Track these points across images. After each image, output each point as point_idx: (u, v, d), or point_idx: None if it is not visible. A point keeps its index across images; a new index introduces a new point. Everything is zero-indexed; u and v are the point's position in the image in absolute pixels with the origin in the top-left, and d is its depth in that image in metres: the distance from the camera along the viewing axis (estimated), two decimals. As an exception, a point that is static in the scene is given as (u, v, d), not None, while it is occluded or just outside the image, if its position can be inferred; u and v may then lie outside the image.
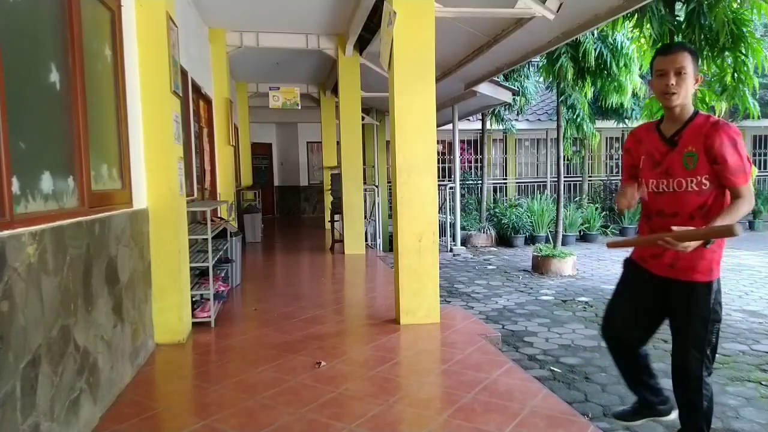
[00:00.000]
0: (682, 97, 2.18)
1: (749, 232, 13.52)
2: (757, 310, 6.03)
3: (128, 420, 2.78)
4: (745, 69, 5.43)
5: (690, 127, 2.20)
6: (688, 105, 2.24)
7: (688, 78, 2.17)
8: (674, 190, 2.21)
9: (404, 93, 4.28)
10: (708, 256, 2.20)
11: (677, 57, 2.17)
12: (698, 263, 2.20)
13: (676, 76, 2.17)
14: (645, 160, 2.32)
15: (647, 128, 2.41)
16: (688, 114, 2.23)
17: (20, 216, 2.11)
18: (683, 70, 2.16)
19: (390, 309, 4.77)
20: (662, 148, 2.26)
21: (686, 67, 2.16)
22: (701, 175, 2.14)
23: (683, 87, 2.17)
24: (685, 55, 2.17)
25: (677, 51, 2.19)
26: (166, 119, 3.83)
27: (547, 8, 4.73)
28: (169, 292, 3.91)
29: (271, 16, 6.97)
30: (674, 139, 2.23)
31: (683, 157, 2.18)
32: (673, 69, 2.17)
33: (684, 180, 2.17)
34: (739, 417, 3.39)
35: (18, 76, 2.18)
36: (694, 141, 2.16)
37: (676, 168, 2.19)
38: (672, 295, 2.30)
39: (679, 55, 2.18)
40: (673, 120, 2.26)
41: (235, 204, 8.42)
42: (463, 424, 2.66)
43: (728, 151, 2.10)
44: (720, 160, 2.10)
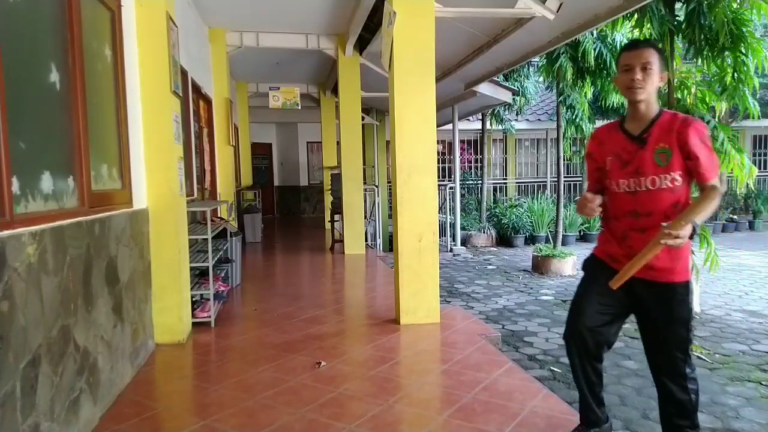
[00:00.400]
0: (647, 92, 2.17)
1: (749, 232, 13.52)
2: (757, 310, 6.03)
3: (128, 420, 2.78)
4: (745, 69, 5.43)
5: (658, 123, 2.19)
6: (653, 102, 2.22)
7: (653, 74, 2.17)
8: (648, 189, 2.18)
9: (404, 93, 4.28)
10: (685, 255, 2.20)
11: (643, 52, 2.17)
12: (677, 264, 2.19)
13: (642, 71, 2.16)
14: (612, 161, 2.28)
15: (609, 129, 2.37)
16: (654, 111, 2.22)
17: (20, 216, 2.11)
18: (649, 66, 2.16)
19: (390, 309, 4.77)
20: (630, 147, 2.23)
21: (652, 62, 2.16)
22: (674, 171, 2.14)
23: (649, 82, 2.16)
24: (651, 51, 2.18)
25: (643, 47, 2.19)
26: (166, 119, 3.83)
27: (547, 8, 4.72)
28: (169, 292, 3.91)
29: (271, 16, 6.97)
30: (643, 136, 2.20)
31: (655, 154, 2.16)
32: (639, 64, 2.16)
33: (657, 177, 2.15)
34: (739, 417, 3.39)
35: (18, 76, 2.18)
36: (666, 138, 2.15)
37: (648, 166, 2.17)
38: (649, 298, 2.24)
39: (645, 50, 2.18)
40: (638, 118, 2.24)
41: (235, 204, 8.42)
42: (463, 424, 2.66)
43: (701, 147, 2.11)
44: (693, 156, 2.11)
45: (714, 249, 5.90)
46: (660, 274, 2.18)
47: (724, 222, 13.31)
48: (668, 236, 1.95)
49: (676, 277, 2.19)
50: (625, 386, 3.91)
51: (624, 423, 3.35)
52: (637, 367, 4.26)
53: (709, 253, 5.88)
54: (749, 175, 5.70)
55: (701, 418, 3.35)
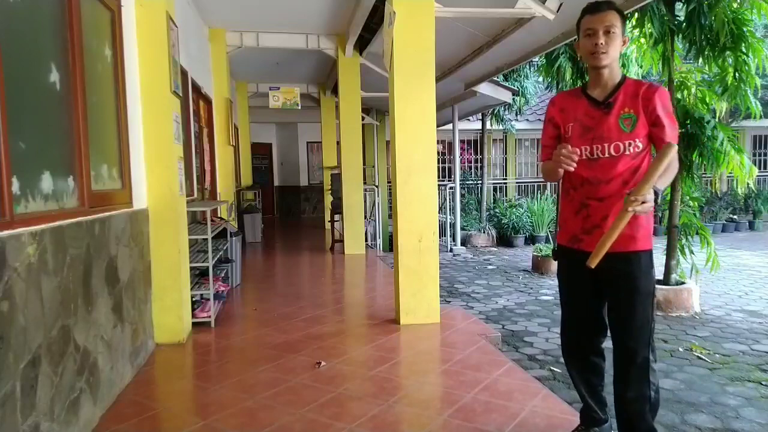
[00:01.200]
0: (610, 57, 2.12)
1: (749, 232, 13.52)
2: (757, 310, 6.02)
3: (128, 420, 2.78)
4: (747, 68, 5.43)
5: (623, 89, 2.15)
6: (616, 68, 2.18)
7: (616, 37, 2.11)
8: (611, 155, 2.13)
9: (404, 93, 4.28)
10: (645, 224, 2.16)
11: (606, 15, 2.10)
12: (637, 231, 2.13)
13: (605, 35, 2.10)
14: (573, 127, 2.20)
15: (571, 95, 2.31)
16: (618, 77, 2.18)
17: (20, 216, 2.11)
18: (612, 29, 2.10)
19: (390, 309, 4.77)
20: (594, 113, 2.17)
21: (615, 25, 2.10)
22: (638, 137, 2.11)
23: (612, 46, 2.11)
24: (614, 14, 2.12)
25: (606, 9, 2.12)
26: (166, 119, 3.83)
27: (547, 8, 4.73)
28: (169, 292, 3.91)
29: (271, 16, 6.97)
30: (608, 101, 2.15)
31: (620, 119, 2.12)
32: (603, 27, 2.10)
33: (621, 143, 2.11)
34: (739, 417, 3.39)
35: (18, 76, 2.18)
36: (631, 103, 2.11)
37: (612, 131, 2.13)
38: (612, 272, 2.15)
39: (609, 13, 2.11)
40: (601, 84, 2.18)
41: (235, 204, 8.42)
42: (463, 424, 2.66)
43: (666, 114, 2.10)
44: (659, 122, 2.09)
45: (714, 249, 5.91)
46: (622, 243, 2.08)
47: (724, 222, 13.31)
48: (635, 203, 1.90)
49: (638, 245, 2.14)
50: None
51: (624, 423, 3.35)
52: (637, 367, 4.26)
53: (709, 253, 5.89)
54: (749, 175, 5.70)
55: (701, 418, 3.36)
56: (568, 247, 2.29)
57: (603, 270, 2.09)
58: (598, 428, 2.40)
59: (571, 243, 2.27)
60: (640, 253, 2.15)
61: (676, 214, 5.97)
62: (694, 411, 3.48)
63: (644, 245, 2.15)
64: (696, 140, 5.69)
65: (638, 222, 2.12)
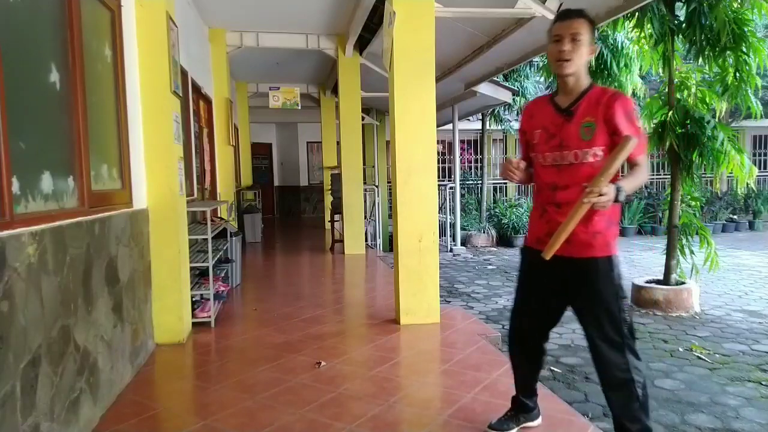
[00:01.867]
0: (575, 64, 2.12)
1: (749, 232, 13.53)
2: (757, 310, 6.03)
3: (128, 420, 2.78)
4: (747, 68, 5.43)
5: (587, 97, 2.15)
6: (583, 76, 2.18)
7: (582, 45, 2.11)
8: (570, 163, 2.14)
9: (404, 93, 4.28)
10: (603, 231, 2.14)
11: (573, 23, 2.12)
12: (594, 239, 2.13)
13: (572, 41, 2.11)
14: (540, 134, 2.24)
15: (540, 102, 2.34)
16: (584, 85, 2.18)
17: (20, 216, 2.11)
18: (578, 36, 2.10)
19: (390, 309, 4.77)
20: (557, 120, 2.19)
21: (581, 33, 2.11)
22: (598, 146, 2.10)
23: (577, 53, 2.11)
24: (582, 22, 2.12)
25: (574, 17, 2.13)
26: (166, 119, 3.83)
27: (547, 8, 4.73)
28: (169, 292, 3.91)
29: (271, 16, 6.97)
30: (570, 109, 2.16)
31: (580, 127, 2.12)
32: (569, 34, 2.11)
33: (580, 152, 2.12)
34: (739, 417, 3.39)
35: (18, 76, 2.18)
36: (593, 111, 2.11)
37: (572, 139, 2.13)
38: (573, 277, 2.19)
39: (576, 21, 2.12)
40: (567, 91, 2.20)
41: (235, 204, 8.43)
42: (463, 424, 2.66)
43: (628, 121, 2.08)
44: (618, 131, 2.06)
45: (714, 249, 5.91)
46: (578, 249, 2.12)
47: (724, 222, 13.32)
48: (590, 194, 1.89)
49: (595, 252, 2.13)
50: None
51: (624, 423, 3.35)
52: (637, 367, 4.26)
53: (709, 253, 5.89)
54: (749, 175, 5.71)
55: (701, 418, 3.36)
56: (533, 248, 2.30)
57: (565, 274, 2.16)
58: (526, 415, 2.53)
59: (535, 244, 2.29)
60: (598, 260, 2.14)
61: (676, 214, 5.97)
62: (694, 411, 3.48)
63: (602, 252, 2.14)
64: (696, 140, 5.69)
65: (596, 228, 2.12)
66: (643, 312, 5.89)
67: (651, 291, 5.96)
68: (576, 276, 2.18)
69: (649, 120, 6.24)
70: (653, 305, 5.90)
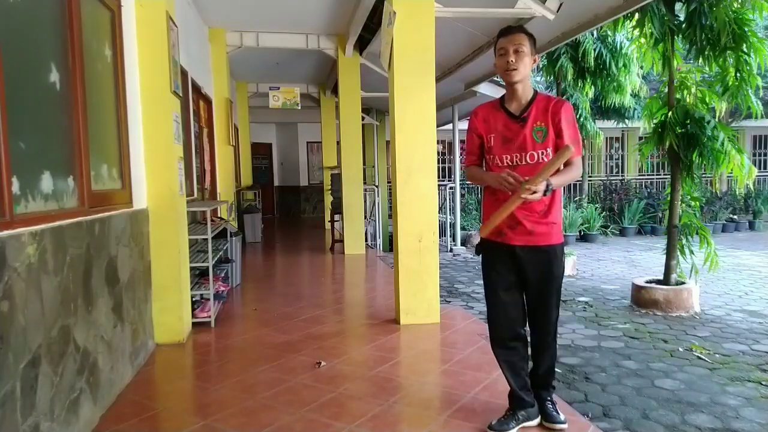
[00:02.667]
0: (521, 74, 2.42)
1: (749, 232, 13.53)
2: (757, 310, 6.02)
3: (128, 420, 2.78)
4: (748, 68, 5.43)
5: (535, 104, 2.46)
6: (528, 84, 2.49)
7: (525, 56, 2.42)
8: (527, 163, 2.44)
9: (404, 93, 4.28)
10: (558, 221, 2.51)
11: (515, 37, 2.43)
12: (552, 228, 2.49)
13: (515, 53, 2.41)
14: (495, 138, 2.51)
15: (491, 108, 2.58)
16: (530, 93, 2.49)
17: (20, 216, 2.11)
18: (521, 48, 2.41)
19: (390, 309, 4.77)
20: (512, 126, 2.47)
21: (524, 45, 2.42)
22: (549, 147, 2.42)
23: (522, 63, 2.41)
24: (523, 36, 2.44)
25: (516, 32, 2.45)
26: (166, 119, 3.83)
27: (547, 8, 4.73)
28: (169, 292, 3.91)
29: (271, 16, 6.97)
30: (523, 116, 2.45)
31: (533, 132, 2.43)
32: (512, 47, 2.41)
33: (536, 152, 2.43)
34: (739, 417, 3.39)
35: (18, 76, 2.18)
36: (542, 117, 2.43)
37: (527, 142, 2.43)
38: (532, 262, 2.50)
39: (517, 35, 2.44)
40: (516, 99, 2.49)
41: (235, 204, 8.43)
42: (463, 424, 2.66)
43: (569, 125, 2.42)
44: (563, 134, 2.40)
45: (714, 249, 5.91)
46: (540, 238, 2.47)
47: (724, 222, 13.32)
48: (527, 191, 2.24)
49: (552, 239, 2.50)
50: (625, 386, 3.91)
51: (624, 423, 3.35)
52: (636, 367, 4.26)
53: (708, 253, 5.89)
54: (748, 175, 5.70)
55: (701, 418, 3.36)
56: (492, 241, 2.55)
57: (525, 261, 2.50)
58: (525, 411, 2.61)
59: (495, 237, 2.54)
60: (555, 246, 2.52)
61: (676, 214, 5.97)
62: (694, 411, 3.48)
63: (557, 240, 2.52)
64: (696, 140, 5.69)
65: (553, 217, 2.48)
66: (643, 312, 5.89)
67: (651, 291, 5.96)
68: (537, 262, 2.50)
69: (649, 120, 6.24)
70: (653, 305, 5.90)
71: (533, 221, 2.45)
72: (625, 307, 6.19)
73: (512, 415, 2.60)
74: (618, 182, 14.41)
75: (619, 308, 6.15)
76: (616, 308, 6.16)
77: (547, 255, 2.50)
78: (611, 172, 15.47)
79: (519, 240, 2.47)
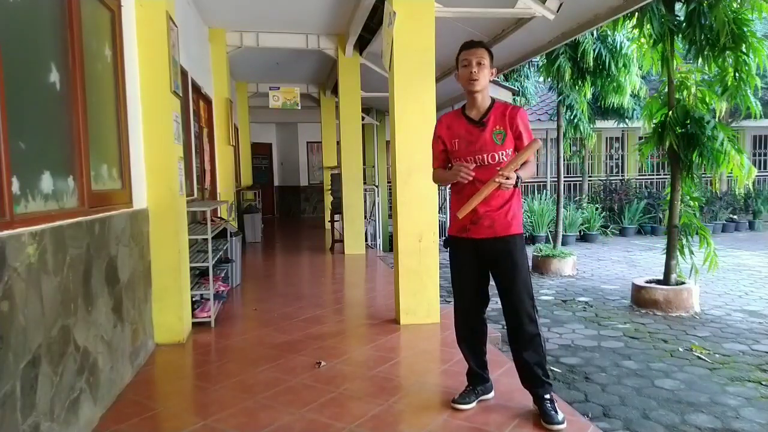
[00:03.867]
0: (481, 84, 2.68)
1: (749, 232, 13.53)
2: (757, 310, 6.03)
3: (128, 420, 2.78)
4: (747, 68, 5.43)
5: (493, 111, 2.71)
6: (487, 94, 2.75)
7: (485, 68, 2.69)
8: (489, 163, 2.66)
9: (404, 93, 4.28)
10: (518, 214, 2.73)
11: (477, 51, 2.70)
12: (513, 220, 2.70)
13: (477, 65, 2.67)
14: (459, 142, 2.73)
15: (453, 116, 2.82)
16: (488, 101, 2.74)
17: (20, 216, 2.11)
18: (482, 61, 2.68)
19: (390, 309, 4.77)
20: (473, 130, 2.70)
21: (484, 58, 2.69)
22: (508, 148, 2.67)
23: (482, 75, 2.68)
24: (484, 51, 2.71)
25: (477, 46, 2.72)
26: (166, 119, 3.83)
27: (547, 8, 4.72)
28: (169, 292, 3.91)
29: (271, 16, 6.97)
30: (483, 121, 2.70)
31: (493, 135, 2.67)
32: (475, 59, 2.68)
33: (496, 153, 2.66)
34: (739, 417, 3.39)
35: (18, 76, 2.18)
36: (501, 121, 2.68)
37: (488, 144, 2.67)
38: (495, 253, 2.71)
39: (479, 49, 2.70)
40: (476, 106, 2.73)
41: (235, 204, 8.42)
42: (463, 424, 2.66)
43: (526, 129, 2.70)
44: (521, 136, 2.68)
45: (714, 249, 5.91)
46: (501, 229, 2.68)
47: (724, 222, 13.32)
48: (501, 176, 2.48)
49: (512, 230, 2.70)
50: (625, 386, 3.91)
51: (624, 423, 3.35)
52: (637, 367, 4.27)
53: (708, 253, 5.89)
54: (748, 175, 5.71)
55: (701, 418, 3.36)
56: (458, 237, 2.78)
57: (488, 252, 2.71)
58: (483, 386, 2.91)
59: (460, 233, 2.77)
60: (516, 236, 2.72)
61: (676, 214, 5.97)
62: (694, 411, 3.48)
63: (517, 230, 2.72)
64: (696, 140, 5.69)
65: (512, 211, 2.70)
66: (643, 312, 5.89)
67: (651, 291, 5.96)
68: (499, 251, 2.70)
69: (649, 120, 6.24)
70: (653, 305, 5.90)
71: (493, 215, 2.66)
72: (625, 307, 6.20)
73: (472, 390, 2.88)
74: (618, 182, 14.40)
75: (619, 308, 6.15)
76: (616, 308, 6.16)
77: (507, 244, 2.69)
78: (611, 172, 15.45)
79: (481, 233, 2.69)
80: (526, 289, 2.70)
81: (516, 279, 2.68)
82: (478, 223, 2.69)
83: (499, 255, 2.70)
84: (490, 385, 2.95)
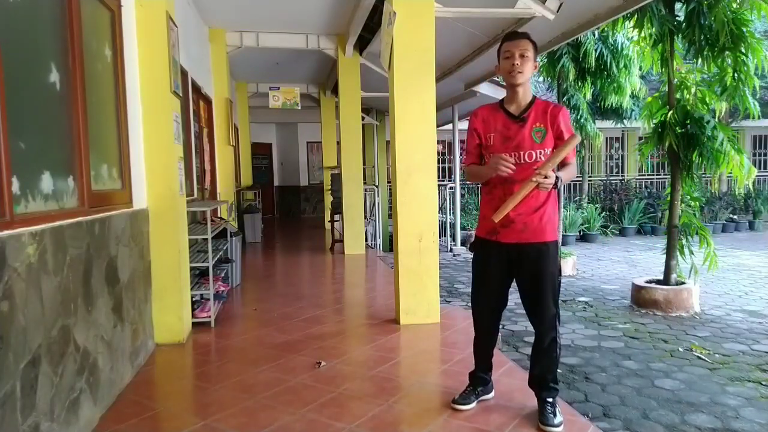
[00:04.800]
0: (525, 77, 2.54)
1: (749, 232, 13.53)
2: (757, 310, 6.03)
3: (128, 420, 2.78)
4: (746, 69, 5.44)
5: (534, 107, 2.57)
6: (529, 88, 2.62)
7: (529, 61, 2.54)
8: (525, 161, 2.51)
9: (404, 93, 4.28)
10: (553, 219, 2.58)
11: (521, 42, 2.55)
12: (547, 226, 2.55)
13: (521, 57, 2.52)
14: (495, 137, 2.60)
15: (491, 109, 2.69)
16: (530, 96, 2.60)
17: (20, 216, 2.11)
18: (526, 53, 2.53)
19: (390, 309, 4.77)
20: (512, 126, 2.57)
21: (528, 50, 2.53)
22: (547, 147, 2.52)
23: (526, 67, 2.53)
24: (528, 42, 2.56)
25: (522, 38, 2.57)
26: (166, 119, 3.83)
27: (547, 8, 4.73)
28: (169, 292, 3.91)
29: (271, 16, 6.97)
30: (523, 116, 2.56)
31: (532, 132, 2.53)
32: (518, 51, 2.52)
33: (534, 152, 2.52)
34: (739, 417, 3.39)
35: (18, 76, 2.18)
36: (542, 119, 2.54)
37: (526, 142, 2.53)
38: (525, 259, 2.57)
39: (523, 41, 2.56)
40: (516, 101, 2.60)
41: (235, 204, 8.43)
42: (463, 424, 2.66)
43: (567, 128, 2.54)
44: (561, 135, 2.52)
45: (713, 249, 5.91)
46: (533, 235, 2.54)
47: (724, 222, 13.32)
48: (539, 175, 2.31)
49: (546, 236, 2.55)
50: (625, 386, 3.91)
51: (624, 423, 3.35)
52: (637, 367, 4.27)
53: (708, 253, 5.89)
54: (748, 175, 5.71)
55: (701, 418, 3.37)
56: (486, 239, 2.66)
57: (517, 258, 2.58)
58: (483, 387, 2.88)
59: (489, 235, 2.64)
60: (549, 243, 2.57)
61: (676, 214, 5.97)
62: (694, 411, 3.48)
63: (552, 237, 2.57)
64: (696, 140, 5.69)
65: (547, 215, 2.55)
66: (643, 312, 5.89)
67: (651, 291, 5.96)
68: (530, 259, 2.56)
69: (649, 120, 6.25)
70: (653, 305, 5.90)
71: (525, 219, 2.52)
72: (625, 307, 6.20)
73: (472, 390, 2.85)
74: (618, 182, 14.42)
75: (619, 308, 6.15)
76: (616, 308, 6.16)
77: (539, 252, 2.55)
78: (611, 172, 15.47)
79: (511, 238, 2.56)
80: (555, 298, 2.58)
81: (545, 289, 2.56)
82: (508, 227, 2.54)
83: (529, 263, 2.56)
84: (491, 385, 2.93)
